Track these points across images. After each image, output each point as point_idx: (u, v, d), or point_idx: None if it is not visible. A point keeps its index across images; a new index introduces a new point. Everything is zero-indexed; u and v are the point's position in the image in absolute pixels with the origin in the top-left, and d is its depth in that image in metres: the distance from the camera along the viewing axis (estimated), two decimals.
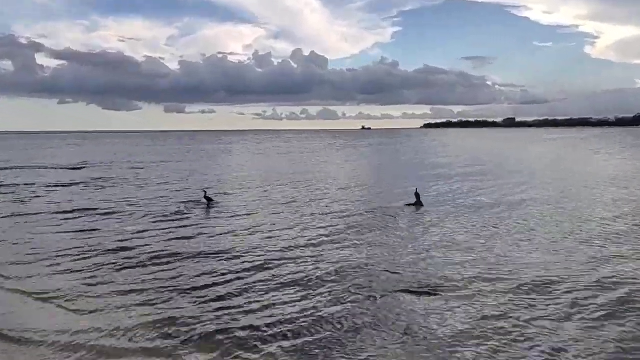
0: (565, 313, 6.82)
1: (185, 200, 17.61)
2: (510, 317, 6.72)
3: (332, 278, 8.40)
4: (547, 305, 7.09)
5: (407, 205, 16.23)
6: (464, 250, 10.32)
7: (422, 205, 16.08)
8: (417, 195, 16.45)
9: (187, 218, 14.35)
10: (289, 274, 8.66)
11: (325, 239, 11.35)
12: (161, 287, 7.93)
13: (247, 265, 9.21)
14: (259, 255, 9.83)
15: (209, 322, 6.63)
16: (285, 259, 9.63)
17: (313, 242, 11.03)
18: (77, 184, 23.39)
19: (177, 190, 20.70)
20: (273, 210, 15.59)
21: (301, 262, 9.36)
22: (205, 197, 17.21)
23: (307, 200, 17.74)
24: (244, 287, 7.97)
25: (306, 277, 8.42)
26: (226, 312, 6.95)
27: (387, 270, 8.91)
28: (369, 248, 10.59)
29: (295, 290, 7.80)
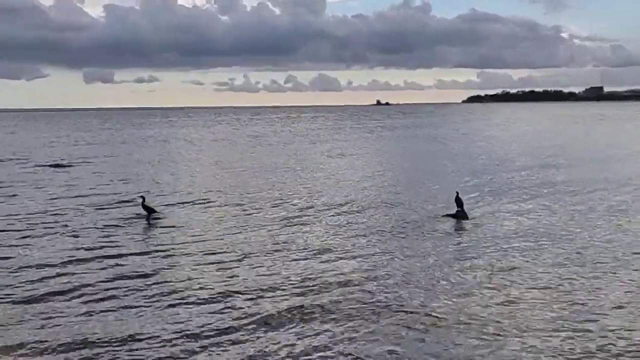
0: None
1: (117, 217, 17.49)
2: None
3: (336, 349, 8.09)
4: None
5: (445, 216, 16.58)
6: (536, 294, 10.37)
7: (466, 216, 16.29)
8: (459, 201, 16.62)
9: (117, 246, 14.12)
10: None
11: (325, 285, 10.88)
12: None
13: (210, 331, 8.76)
14: (228, 314, 9.51)
15: None
16: (266, 325, 9.00)
17: (304, 290, 10.60)
18: None
19: (104, 202, 20.43)
20: (247, 231, 15.53)
21: (289, 331, 8.81)
22: (144, 207, 17.19)
23: (298, 215, 17.72)
24: None
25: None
26: None
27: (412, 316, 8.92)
28: (390, 289, 10.60)
29: None
